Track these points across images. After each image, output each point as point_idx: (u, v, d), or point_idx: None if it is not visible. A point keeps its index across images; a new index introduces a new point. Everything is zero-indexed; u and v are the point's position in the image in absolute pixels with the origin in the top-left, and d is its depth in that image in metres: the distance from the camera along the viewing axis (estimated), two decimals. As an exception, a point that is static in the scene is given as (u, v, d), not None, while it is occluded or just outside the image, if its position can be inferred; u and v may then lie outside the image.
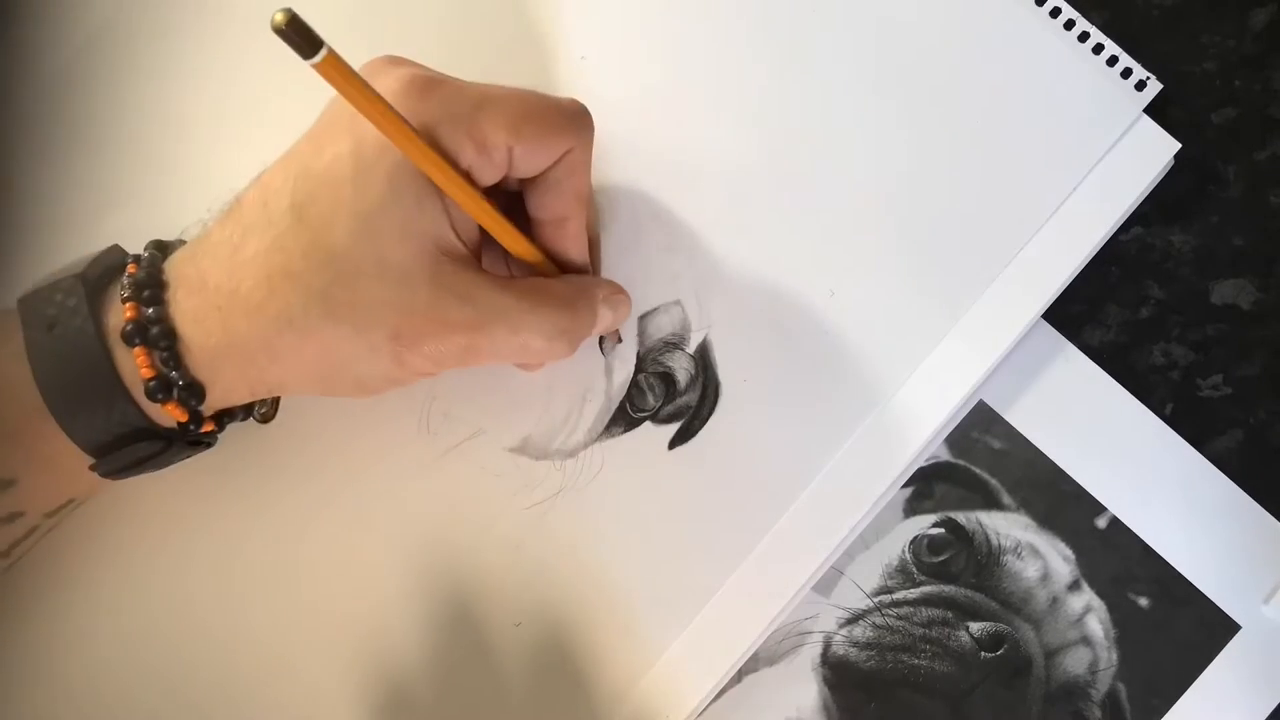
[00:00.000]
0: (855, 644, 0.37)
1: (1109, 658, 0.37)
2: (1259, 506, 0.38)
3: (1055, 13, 0.39)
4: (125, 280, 0.31)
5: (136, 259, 0.32)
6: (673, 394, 0.38)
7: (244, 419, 0.35)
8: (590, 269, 0.36)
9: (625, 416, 0.38)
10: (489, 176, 0.31)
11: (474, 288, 0.31)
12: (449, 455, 0.37)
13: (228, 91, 0.40)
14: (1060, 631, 0.37)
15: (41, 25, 0.41)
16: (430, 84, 0.30)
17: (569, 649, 0.36)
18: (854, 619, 0.37)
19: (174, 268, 0.31)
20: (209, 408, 0.32)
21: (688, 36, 0.40)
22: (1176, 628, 0.37)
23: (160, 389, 0.30)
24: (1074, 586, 0.37)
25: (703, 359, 0.38)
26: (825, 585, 0.38)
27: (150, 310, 0.30)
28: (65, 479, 0.33)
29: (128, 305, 0.30)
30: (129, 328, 0.30)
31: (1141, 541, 0.38)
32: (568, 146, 0.32)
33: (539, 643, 0.36)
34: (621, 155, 0.39)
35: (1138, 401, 0.38)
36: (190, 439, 0.33)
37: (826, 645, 0.37)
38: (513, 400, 0.38)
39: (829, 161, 0.39)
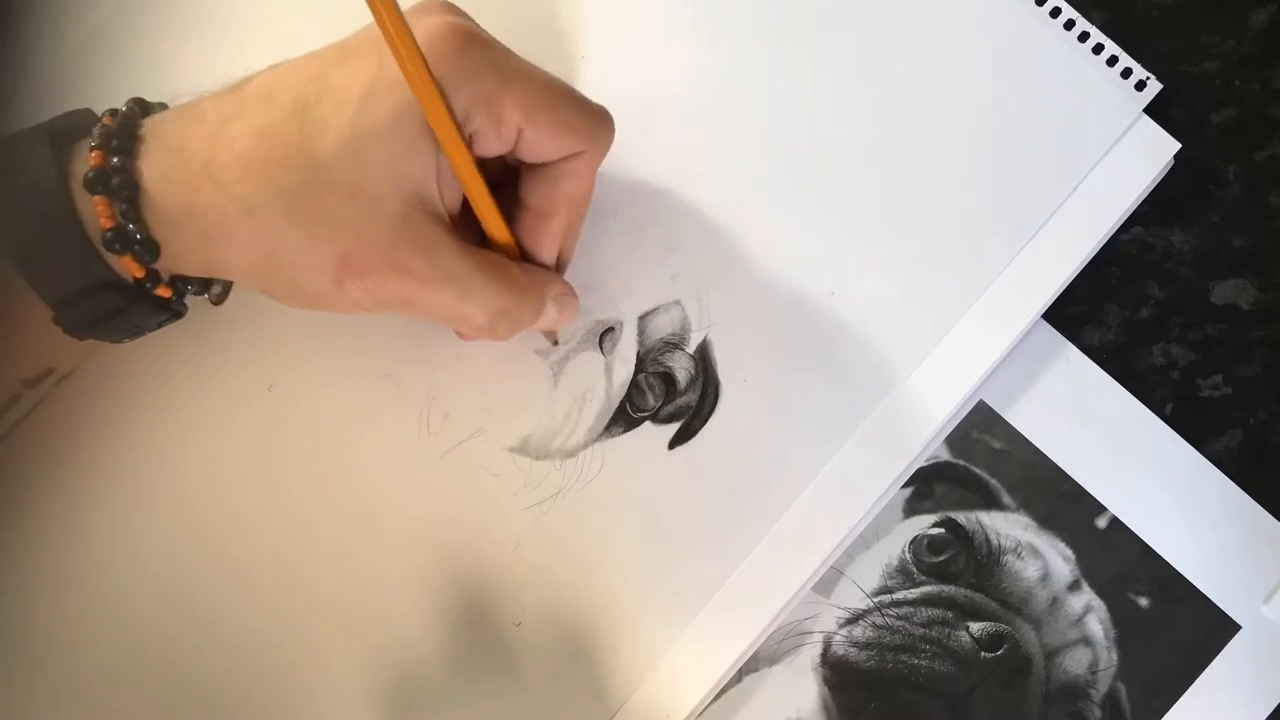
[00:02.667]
0: (855, 644, 0.37)
1: (1109, 658, 0.37)
2: (1259, 506, 0.38)
3: (1055, 13, 0.39)
4: (97, 130, 0.31)
5: (111, 112, 0.32)
6: (673, 394, 0.38)
7: (198, 292, 0.34)
8: (552, 267, 0.35)
9: (625, 416, 0.38)
10: (491, 148, 0.31)
11: (436, 243, 0.31)
12: (449, 455, 0.37)
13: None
14: (1060, 631, 0.37)
15: (41, 25, 0.41)
16: (470, 40, 0.30)
17: (569, 649, 0.36)
18: (854, 619, 0.37)
19: (153, 125, 0.31)
20: (164, 269, 0.32)
21: (688, 37, 0.40)
22: (1176, 628, 0.37)
23: (118, 240, 0.30)
24: (1074, 586, 0.37)
25: (703, 359, 0.38)
26: (825, 585, 0.38)
27: (116, 160, 0.30)
28: (37, 339, 0.32)
29: (94, 153, 0.30)
30: (91, 175, 0.30)
31: (1141, 541, 0.38)
32: (578, 149, 0.32)
33: (539, 643, 0.36)
34: (622, 155, 0.39)
35: (1138, 401, 0.38)
36: (153, 301, 0.32)
37: (826, 645, 0.37)
38: (513, 400, 0.38)
39: (829, 161, 0.39)
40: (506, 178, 0.34)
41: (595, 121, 0.33)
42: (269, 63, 0.39)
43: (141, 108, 0.32)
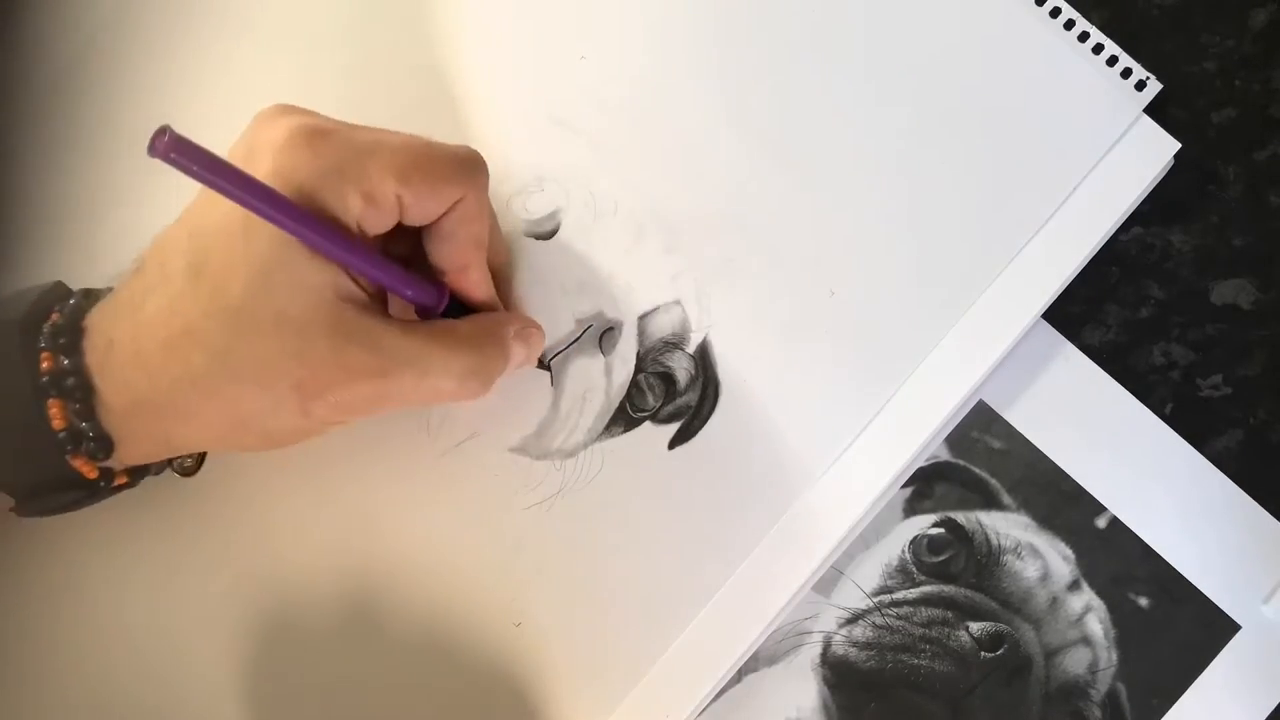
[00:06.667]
0: (855, 644, 0.37)
1: (1109, 658, 0.37)
2: (1259, 506, 0.38)
3: (1055, 13, 0.39)
4: (46, 328, 0.31)
5: (60, 308, 0.31)
6: (673, 394, 0.38)
7: (159, 473, 0.35)
8: (499, 306, 0.35)
9: (625, 416, 0.38)
10: (380, 225, 0.31)
11: (377, 334, 0.31)
12: (449, 455, 0.37)
13: (225, 90, 0.40)
14: (1060, 631, 0.37)
15: (42, 26, 0.41)
16: (316, 134, 0.30)
17: (569, 649, 0.36)
18: (854, 619, 0.37)
19: (91, 320, 0.31)
20: (120, 462, 0.32)
21: (688, 37, 0.40)
22: (1176, 628, 0.37)
23: (70, 440, 0.30)
24: (1074, 586, 0.37)
25: (703, 359, 0.38)
26: (825, 585, 0.38)
27: (66, 361, 0.30)
28: None
29: (45, 355, 0.30)
30: (45, 379, 0.30)
31: (1141, 541, 0.38)
32: (458, 195, 0.32)
33: (539, 643, 0.36)
34: (621, 155, 0.39)
35: (1138, 401, 0.38)
36: (111, 490, 0.33)
37: (826, 645, 0.37)
38: (512, 400, 0.37)
39: (829, 161, 0.39)
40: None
41: (464, 163, 0.32)
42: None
43: (88, 298, 0.32)
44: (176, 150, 0.26)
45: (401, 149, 0.31)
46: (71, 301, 0.32)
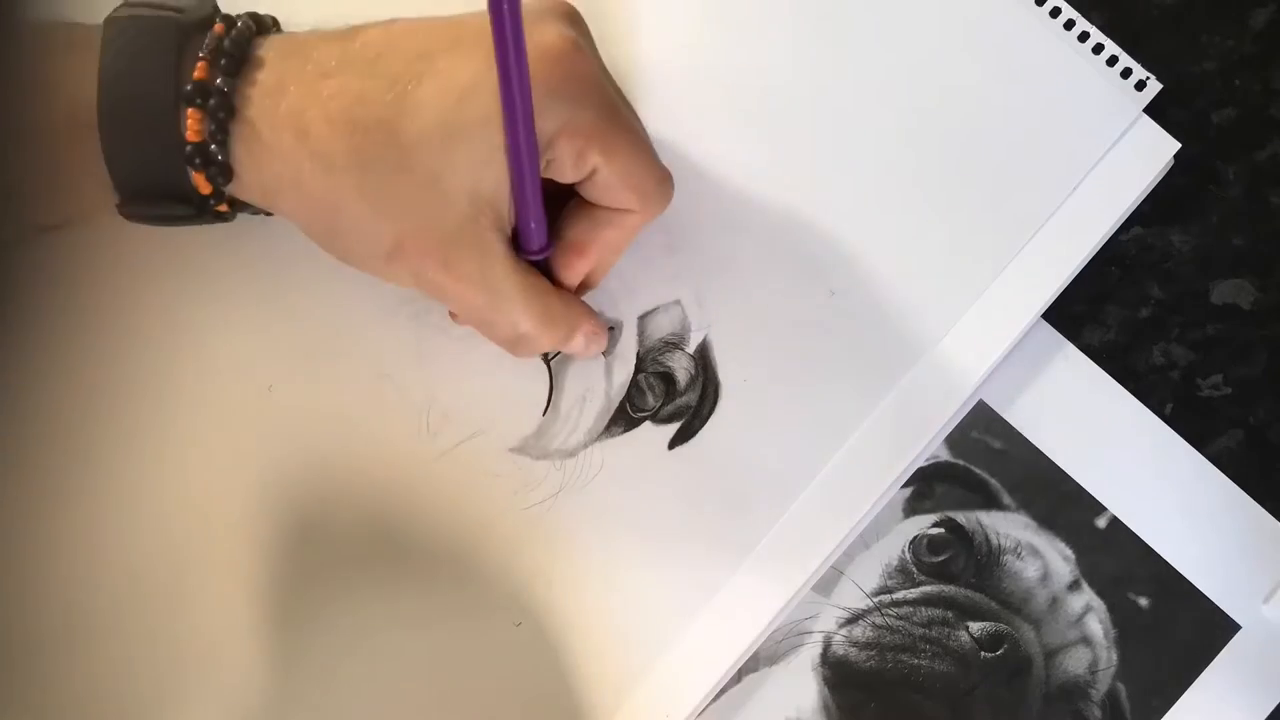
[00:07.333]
0: (855, 644, 0.37)
1: (1109, 658, 0.37)
2: (1259, 506, 0.38)
3: (1055, 13, 0.39)
4: (209, 39, 0.30)
5: (226, 21, 0.31)
6: (673, 394, 0.38)
7: (254, 213, 0.35)
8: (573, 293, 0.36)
9: (625, 416, 0.38)
10: (565, 177, 0.32)
11: (490, 252, 0.31)
12: (449, 455, 0.37)
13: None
14: (1060, 631, 0.37)
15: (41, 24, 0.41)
16: (580, 64, 0.31)
17: (569, 649, 0.36)
18: (854, 619, 0.37)
19: (263, 53, 0.31)
20: (229, 191, 0.32)
21: (687, 35, 0.40)
22: (1176, 628, 0.37)
23: (198, 154, 0.30)
24: (1074, 586, 0.37)
25: (703, 359, 0.38)
26: (825, 585, 0.38)
27: (220, 80, 0.30)
28: (78, 201, 0.32)
29: (201, 64, 0.30)
30: (191, 87, 0.30)
31: (1141, 541, 0.38)
32: (634, 208, 0.33)
33: (539, 643, 0.36)
34: (621, 155, 0.39)
35: (1138, 401, 0.38)
36: (211, 215, 0.33)
37: (826, 645, 0.37)
38: (513, 400, 0.38)
39: (829, 161, 0.39)
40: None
41: (658, 187, 0.33)
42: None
43: (256, 24, 0.32)
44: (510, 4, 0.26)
45: (628, 135, 0.32)
46: (240, 24, 0.31)
